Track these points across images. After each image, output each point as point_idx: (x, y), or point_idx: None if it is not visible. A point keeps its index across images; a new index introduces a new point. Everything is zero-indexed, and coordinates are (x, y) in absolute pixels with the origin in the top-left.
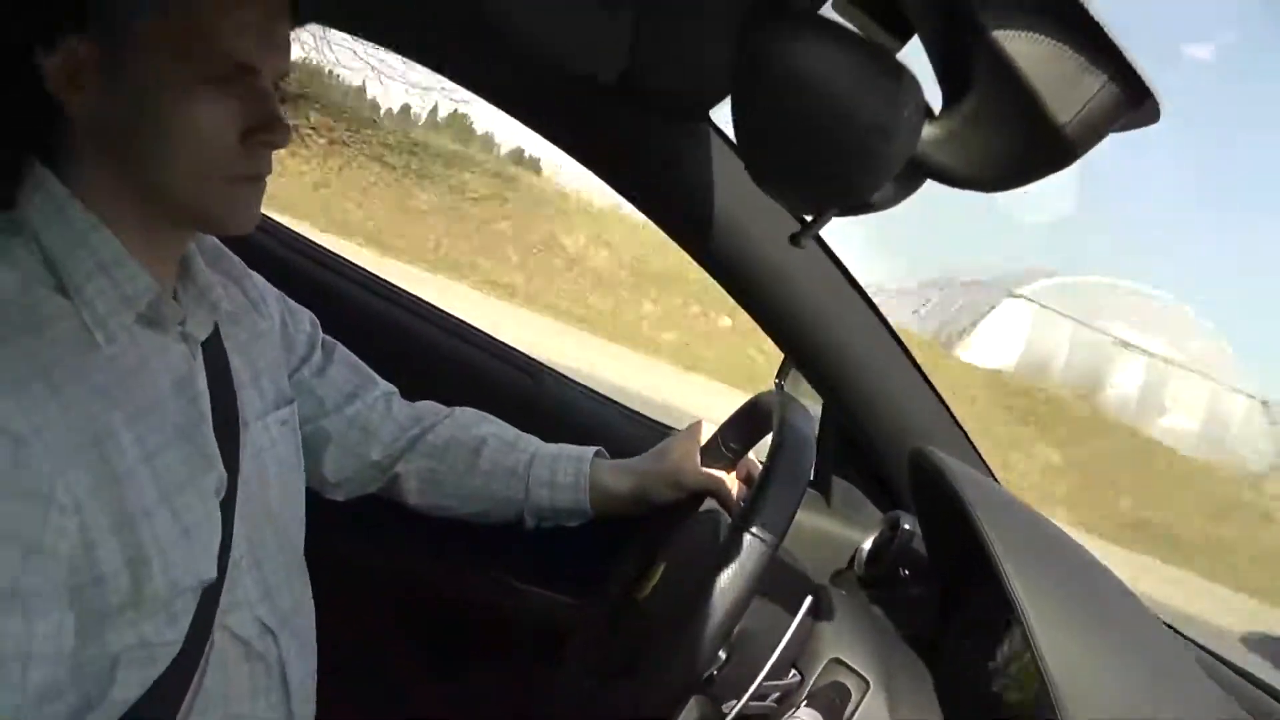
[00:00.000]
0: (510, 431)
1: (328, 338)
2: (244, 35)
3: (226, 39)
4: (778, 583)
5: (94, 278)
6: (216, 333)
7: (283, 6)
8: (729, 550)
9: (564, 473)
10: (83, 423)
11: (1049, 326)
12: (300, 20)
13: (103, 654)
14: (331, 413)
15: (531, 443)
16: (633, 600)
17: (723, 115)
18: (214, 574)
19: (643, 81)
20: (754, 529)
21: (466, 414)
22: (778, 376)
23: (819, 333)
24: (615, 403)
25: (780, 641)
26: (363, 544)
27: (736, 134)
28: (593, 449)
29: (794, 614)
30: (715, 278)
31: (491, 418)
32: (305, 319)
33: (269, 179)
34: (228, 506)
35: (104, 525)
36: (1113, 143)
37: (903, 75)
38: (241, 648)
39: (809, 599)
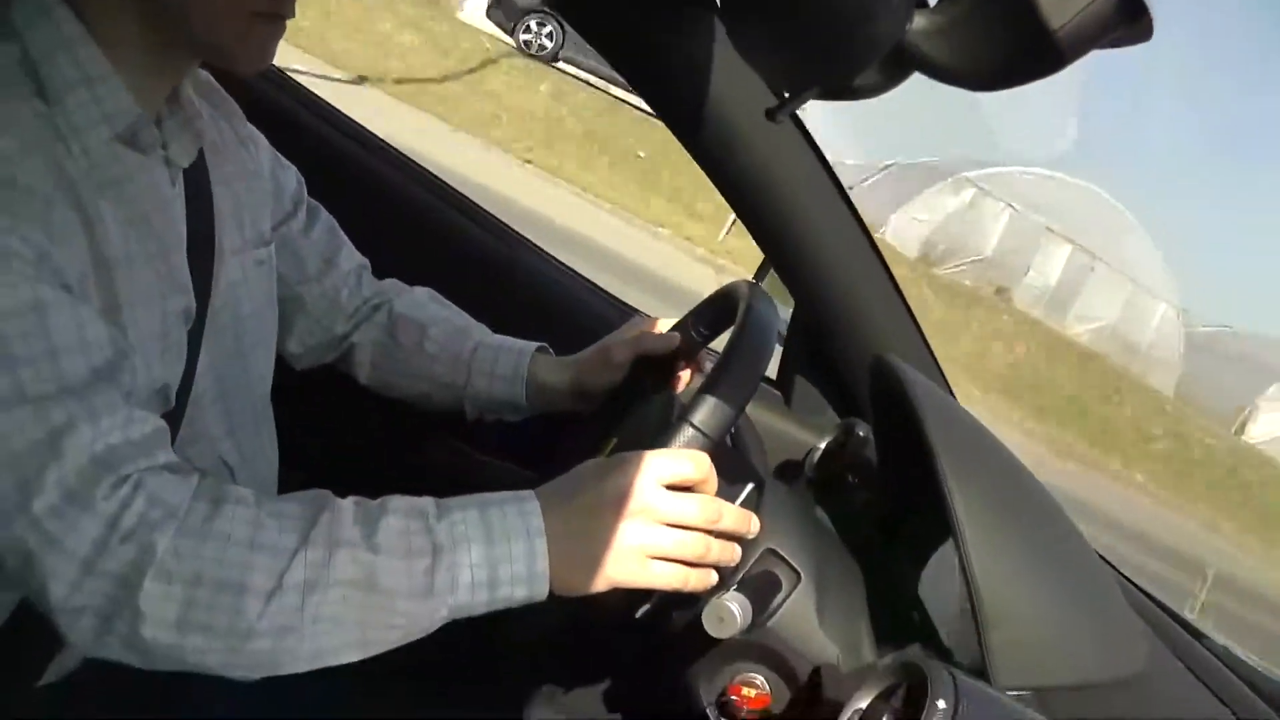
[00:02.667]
0: (462, 318)
1: (312, 201)
2: None
3: None
4: (724, 468)
5: (75, 89)
6: (201, 161)
7: None
8: (669, 439)
9: (504, 364)
10: (71, 206)
11: (984, 211)
12: None
13: None
14: (309, 280)
15: (480, 332)
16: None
17: None
18: (172, 397)
19: None
20: (695, 422)
21: (422, 293)
22: (755, 276)
23: (796, 231)
24: (588, 280)
25: None
26: (326, 405)
27: (723, 4)
28: (535, 344)
29: (733, 500)
30: (700, 163)
31: (447, 302)
32: (293, 175)
33: None
34: (194, 337)
35: (95, 308)
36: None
37: None
38: None
39: (749, 486)
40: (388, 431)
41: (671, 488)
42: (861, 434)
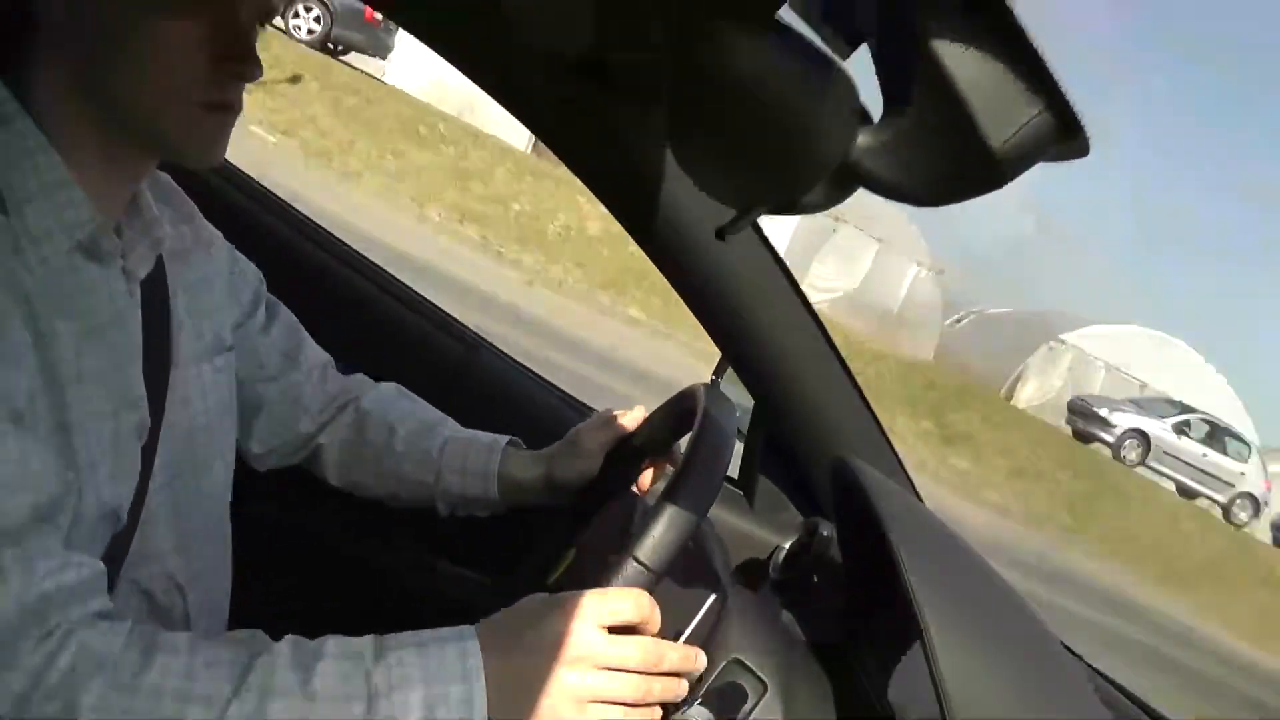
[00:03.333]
0: (431, 413)
1: (271, 297)
2: None
3: None
4: (685, 578)
5: (35, 199)
6: (160, 268)
7: None
8: (611, 576)
9: (475, 460)
10: (23, 323)
11: None
12: None
13: None
14: (269, 379)
15: (449, 427)
16: (542, 584)
17: None
18: (124, 515)
19: (601, 60)
20: (639, 556)
21: (389, 389)
22: (714, 373)
23: (755, 331)
24: (546, 381)
25: (680, 638)
26: (281, 508)
27: (669, 120)
28: (505, 438)
29: (691, 613)
30: (659, 267)
31: (414, 396)
32: (252, 273)
33: None
34: (148, 451)
35: (43, 431)
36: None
37: (838, 80)
38: (145, 601)
39: (711, 597)
40: (343, 535)
41: (613, 629)
42: (825, 534)
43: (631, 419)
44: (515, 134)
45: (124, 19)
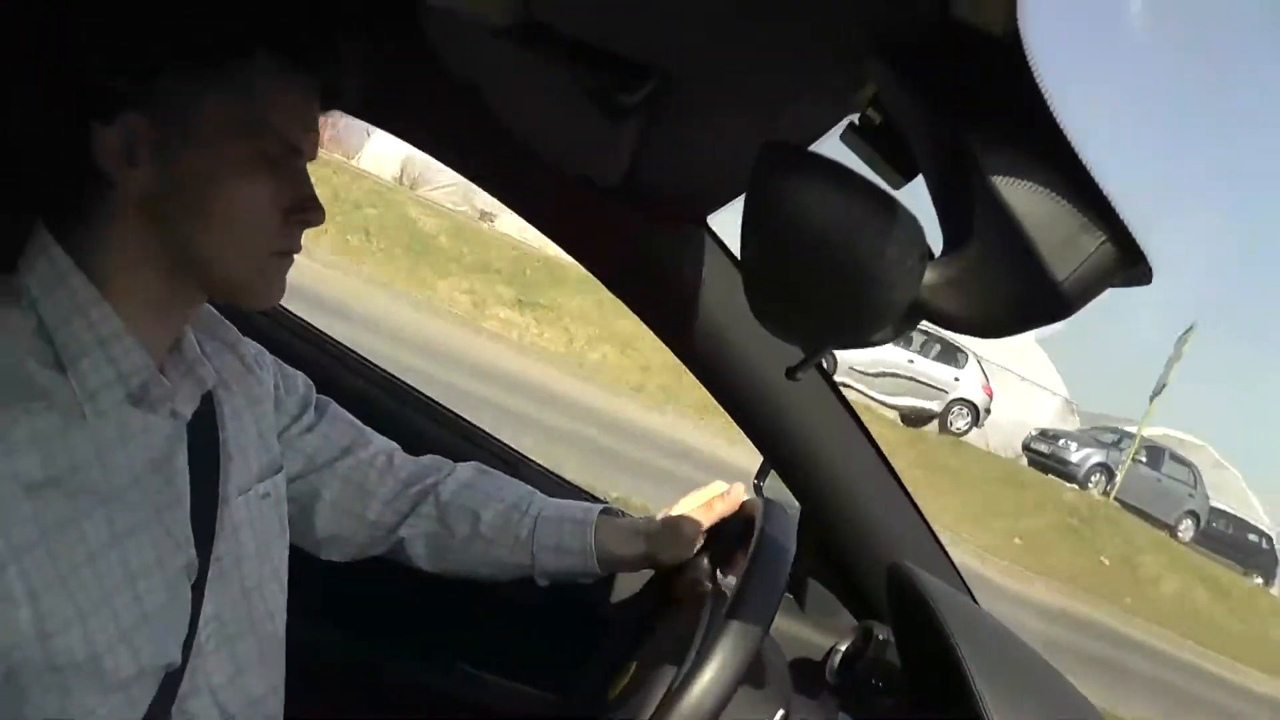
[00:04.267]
0: (512, 490)
1: (322, 397)
2: (292, 117)
3: (280, 121)
4: (754, 688)
5: (90, 352)
6: (208, 401)
7: (315, 92)
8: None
9: (570, 537)
10: (51, 508)
11: None
12: (325, 107)
13: None
14: (322, 468)
15: (535, 503)
16: (603, 699)
17: (717, 220)
18: (178, 659)
19: (641, 186)
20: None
21: (467, 471)
22: (757, 478)
23: (801, 442)
24: (590, 495)
25: None
26: (329, 628)
27: (743, 272)
28: (599, 506)
29: None
30: (700, 378)
31: (495, 473)
32: (299, 380)
33: None
34: (198, 588)
35: (60, 616)
36: None
37: (908, 226)
38: None
39: (780, 712)
40: (396, 651)
41: None
42: (881, 637)
43: (731, 501)
44: None
45: (205, 182)
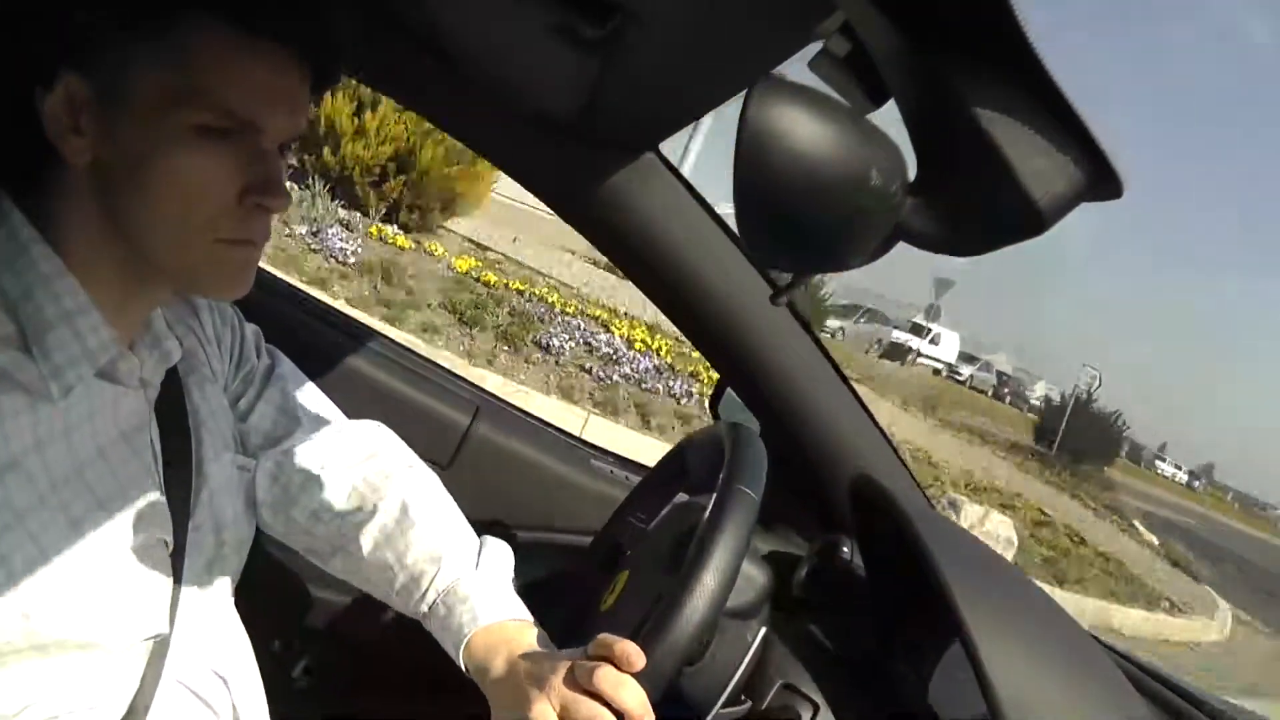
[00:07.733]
0: (424, 546)
1: (275, 355)
2: (246, 90)
3: (226, 91)
4: (737, 603)
5: (55, 327)
6: (174, 372)
7: (290, 63)
8: (723, 501)
9: (454, 630)
10: (22, 489)
11: None
12: (319, 85)
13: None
14: (256, 451)
15: (443, 573)
16: (594, 611)
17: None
18: (166, 628)
19: (597, 117)
20: (741, 485)
21: (390, 516)
22: (711, 404)
23: (760, 356)
24: (553, 427)
25: (734, 674)
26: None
27: (735, 203)
28: (506, 615)
29: (746, 643)
30: (655, 301)
31: (443, 507)
32: (248, 330)
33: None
34: (178, 556)
35: (41, 595)
36: None
37: (894, 155)
38: (193, 699)
39: (763, 631)
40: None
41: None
42: (846, 550)
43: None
44: None
45: (143, 154)
